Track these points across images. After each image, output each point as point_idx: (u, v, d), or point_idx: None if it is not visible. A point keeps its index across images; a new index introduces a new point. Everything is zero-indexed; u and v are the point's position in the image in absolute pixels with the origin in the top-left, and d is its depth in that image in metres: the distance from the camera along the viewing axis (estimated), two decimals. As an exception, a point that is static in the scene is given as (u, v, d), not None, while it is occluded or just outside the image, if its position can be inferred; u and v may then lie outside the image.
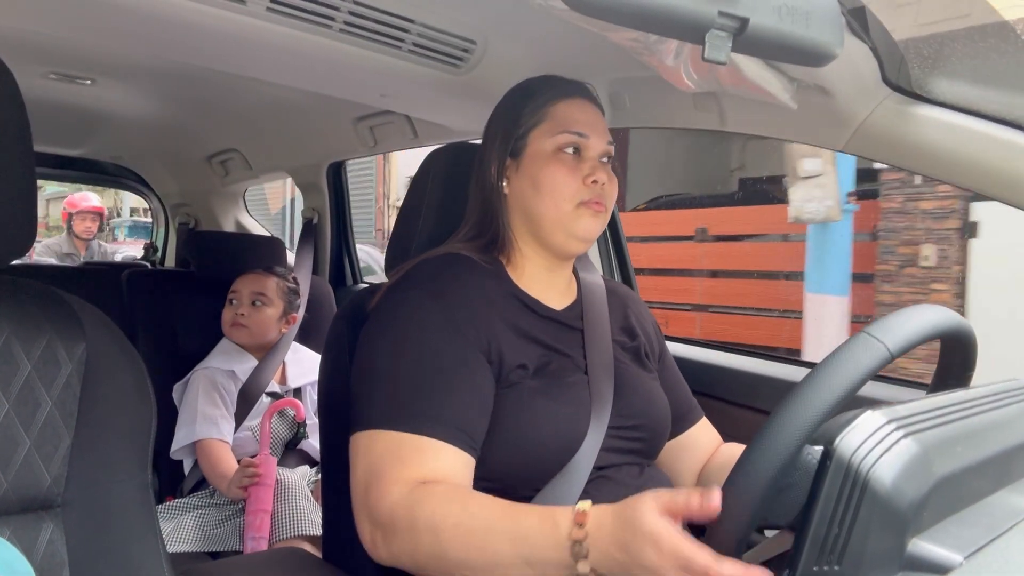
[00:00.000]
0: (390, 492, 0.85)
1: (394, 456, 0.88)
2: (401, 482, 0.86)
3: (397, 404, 0.91)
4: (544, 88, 1.07)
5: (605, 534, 0.72)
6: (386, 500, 0.85)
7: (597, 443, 0.97)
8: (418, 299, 0.98)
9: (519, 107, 1.06)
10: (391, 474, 0.87)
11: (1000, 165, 1.00)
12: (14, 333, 0.80)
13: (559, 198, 1.01)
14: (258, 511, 1.63)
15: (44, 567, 0.79)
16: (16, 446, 0.79)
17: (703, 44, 0.68)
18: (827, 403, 0.58)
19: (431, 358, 0.93)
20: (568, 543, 0.74)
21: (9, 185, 0.77)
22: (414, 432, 0.89)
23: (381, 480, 0.87)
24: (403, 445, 0.89)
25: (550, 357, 1.01)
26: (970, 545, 0.54)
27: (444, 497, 0.84)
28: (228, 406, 1.84)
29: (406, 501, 0.84)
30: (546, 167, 1.02)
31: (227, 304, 1.97)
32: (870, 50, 1.00)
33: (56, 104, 2.12)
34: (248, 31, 1.19)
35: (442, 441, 0.89)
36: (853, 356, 0.61)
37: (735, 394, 1.47)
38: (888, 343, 0.62)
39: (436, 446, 0.89)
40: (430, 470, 0.87)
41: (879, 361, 0.61)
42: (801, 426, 0.57)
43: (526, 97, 1.07)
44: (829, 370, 0.60)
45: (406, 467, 0.87)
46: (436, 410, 0.90)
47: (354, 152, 2.29)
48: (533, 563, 0.76)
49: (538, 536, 0.77)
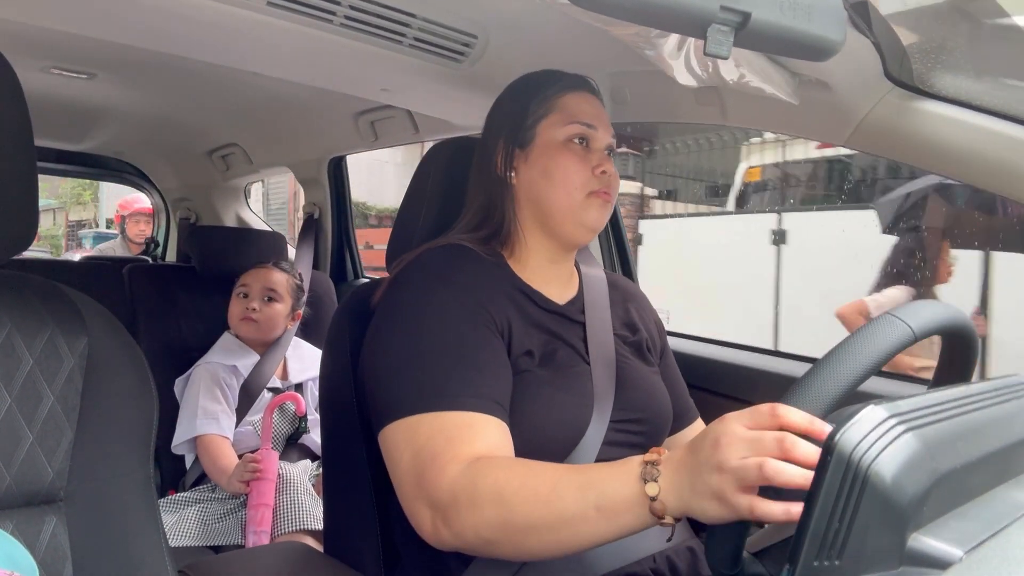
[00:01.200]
0: (446, 472, 0.83)
1: (441, 436, 0.86)
2: (457, 460, 0.83)
3: (430, 387, 0.89)
4: (550, 81, 1.07)
5: (676, 455, 0.71)
6: (444, 480, 0.83)
7: (600, 435, 0.97)
8: (427, 285, 0.97)
9: (526, 99, 1.06)
10: (444, 454, 0.84)
11: (1002, 159, 1.00)
12: (16, 327, 0.80)
13: (571, 187, 1.02)
14: (260, 505, 1.63)
15: (47, 561, 0.79)
16: (19, 440, 0.79)
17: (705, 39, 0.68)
18: (850, 377, 0.62)
19: (455, 339, 0.92)
20: (639, 468, 0.72)
21: (10, 180, 0.77)
22: (457, 409, 0.87)
23: (435, 461, 0.84)
24: (447, 424, 0.87)
25: (556, 346, 1.01)
26: (971, 540, 0.54)
27: (504, 465, 0.83)
28: (229, 401, 1.84)
29: (465, 477, 0.82)
30: (558, 156, 1.02)
31: (235, 298, 1.96)
32: (872, 45, 1.00)
33: (57, 99, 2.12)
34: (249, 25, 1.19)
35: (486, 414, 0.88)
36: (881, 332, 0.66)
37: (735, 389, 1.47)
38: (913, 325, 0.68)
39: (482, 420, 0.87)
40: (481, 445, 0.85)
41: (904, 341, 0.67)
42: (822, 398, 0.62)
43: (532, 89, 1.07)
44: (857, 343, 0.64)
45: (457, 445, 0.85)
46: (471, 386, 0.89)
47: (355, 147, 2.29)
48: (602, 507, 0.74)
49: (608, 476, 0.75)
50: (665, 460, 0.72)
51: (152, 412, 0.88)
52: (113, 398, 0.85)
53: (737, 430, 0.64)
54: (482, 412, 0.88)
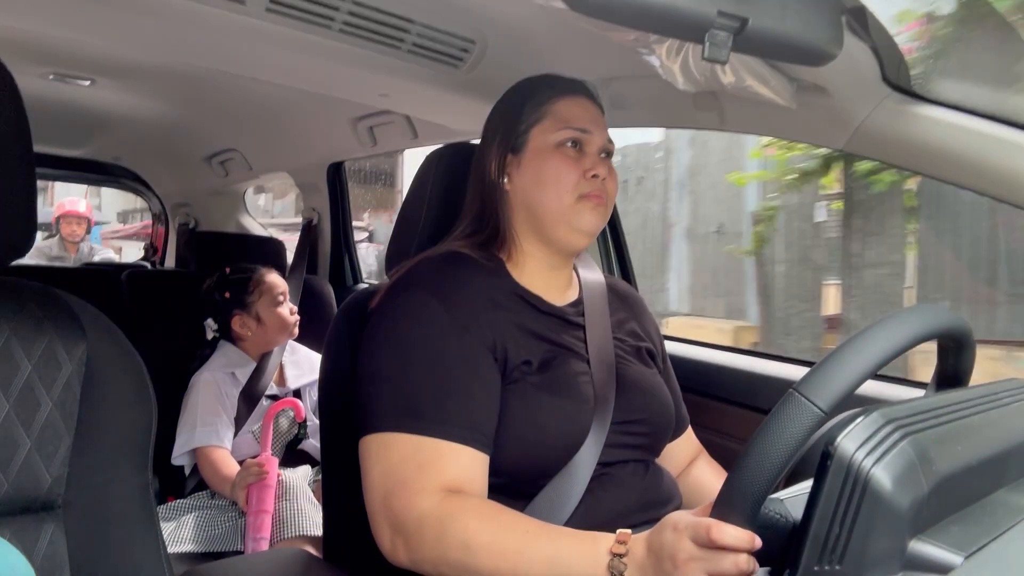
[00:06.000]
0: (417, 502, 0.86)
1: (414, 462, 0.88)
2: (427, 491, 0.86)
3: (408, 407, 0.91)
4: (545, 86, 1.07)
5: (639, 554, 0.76)
6: (413, 510, 0.86)
7: (600, 439, 0.97)
8: (422, 299, 0.97)
9: (520, 104, 1.06)
10: (415, 482, 0.87)
11: (1000, 164, 1.00)
12: (14, 333, 0.80)
13: (561, 190, 1.02)
14: (259, 512, 1.63)
15: (45, 568, 0.79)
16: (16, 447, 0.78)
17: (703, 44, 0.68)
18: (769, 473, 0.59)
19: (439, 359, 0.93)
20: (607, 559, 0.77)
21: (9, 186, 0.77)
22: (430, 435, 0.89)
23: (405, 488, 0.87)
24: (421, 449, 0.89)
25: (554, 352, 1.01)
26: (971, 544, 0.54)
27: (477, 513, 0.85)
28: (229, 410, 1.84)
29: (436, 513, 0.85)
30: (548, 160, 1.03)
31: (278, 304, 1.95)
32: (870, 49, 1.00)
33: (56, 104, 2.12)
34: (247, 31, 1.19)
35: (459, 444, 0.89)
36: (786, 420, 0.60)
37: (732, 393, 1.47)
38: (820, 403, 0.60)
39: (455, 449, 0.89)
40: (452, 476, 0.88)
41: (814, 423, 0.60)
42: (749, 497, 0.60)
43: (527, 95, 1.07)
44: (764, 439, 0.60)
45: (428, 473, 0.87)
46: (449, 412, 0.90)
47: (354, 152, 2.29)
48: None
49: (576, 555, 0.79)
50: (630, 559, 0.76)
51: (151, 418, 0.88)
52: (111, 404, 0.85)
53: (691, 549, 0.69)
54: (456, 441, 0.89)
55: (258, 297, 1.93)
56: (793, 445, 0.59)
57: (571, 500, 0.94)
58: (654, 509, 1.02)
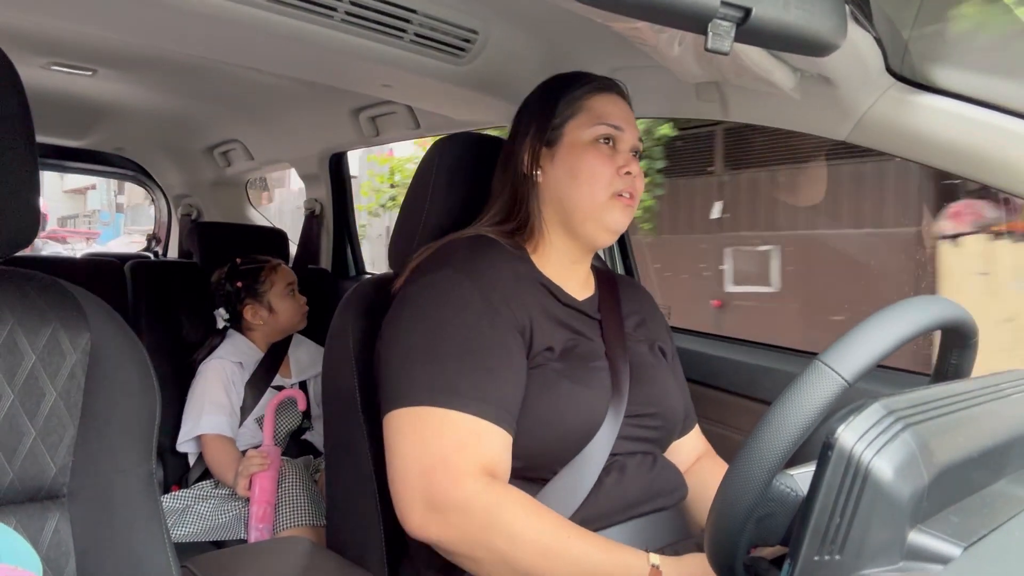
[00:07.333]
0: (462, 484, 0.87)
1: (453, 438, 0.89)
2: (471, 474, 0.87)
3: (442, 382, 0.91)
4: (579, 82, 1.08)
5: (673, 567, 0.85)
6: (458, 491, 0.87)
7: (614, 429, 0.99)
8: (453, 278, 0.98)
9: (554, 99, 1.07)
10: (457, 462, 0.88)
11: (1005, 154, 0.99)
12: (19, 323, 0.80)
13: (595, 186, 1.03)
14: (262, 501, 1.63)
15: (50, 556, 0.80)
16: (21, 436, 0.79)
17: (706, 34, 0.68)
18: (789, 439, 0.59)
19: (474, 337, 0.93)
20: (648, 569, 0.85)
21: (12, 177, 0.77)
22: (468, 412, 0.89)
23: (447, 467, 0.88)
24: (459, 427, 0.89)
25: (576, 341, 1.02)
26: (970, 535, 0.55)
27: (523, 507, 0.87)
28: (235, 399, 1.84)
29: (483, 500, 0.86)
30: (584, 156, 1.03)
31: (290, 295, 1.96)
32: (873, 39, 0.99)
33: (58, 95, 2.12)
34: (249, 21, 1.19)
35: (493, 423, 0.90)
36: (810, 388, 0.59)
37: (736, 384, 1.47)
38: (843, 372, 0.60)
39: (490, 429, 0.90)
40: (488, 456, 0.89)
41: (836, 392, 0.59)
42: (763, 466, 0.59)
43: (561, 89, 1.07)
44: (786, 405, 0.60)
45: (468, 453, 0.88)
46: (483, 390, 0.91)
47: (356, 143, 2.29)
48: None
49: (615, 570, 0.86)
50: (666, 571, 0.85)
51: (154, 407, 0.88)
52: (115, 394, 0.85)
53: None
54: (489, 420, 0.90)
55: (270, 287, 1.94)
56: (814, 412, 0.58)
57: (583, 488, 0.96)
58: (661, 498, 1.03)
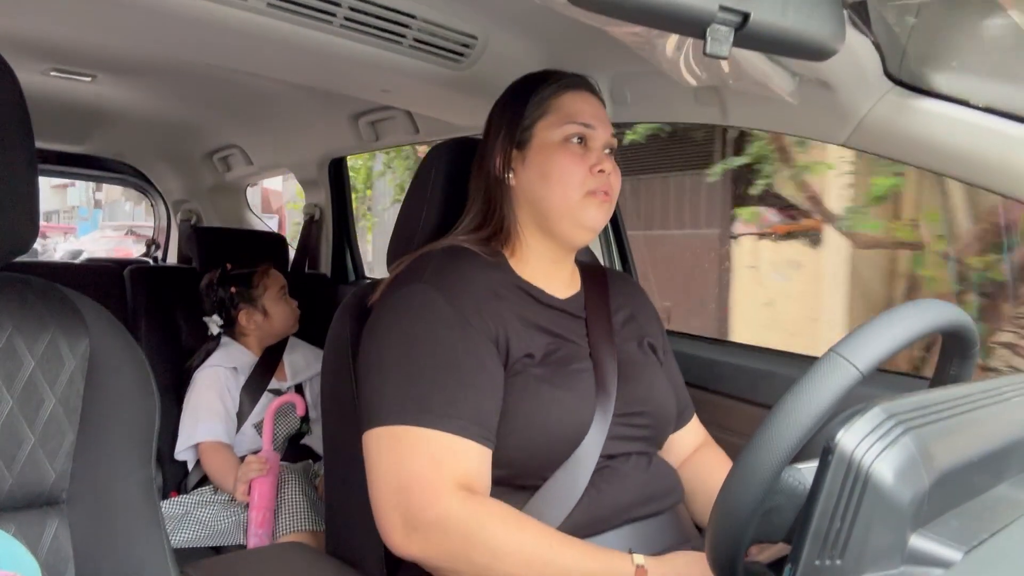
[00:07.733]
0: (437, 501, 0.86)
1: (426, 456, 0.88)
2: (446, 490, 0.87)
3: (416, 400, 0.91)
4: (547, 81, 1.07)
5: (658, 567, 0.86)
6: (433, 509, 0.86)
7: (603, 431, 0.98)
8: (424, 292, 0.97)
9: (523, 99, 1.06)
10: (432, 479, 0.87)
11: (1002, 159, 1.00)
12: (17, 329, 0.80)
13: (567, 187, 1.02)
14: (261, 506, 1.63)
15: (49, 562, 0.80)
16: (21, 442, 0.79)
17: (704, 39, 0.68)
18: (802, 428, 0.58)
19: (444, 352, 0.93)
20: (633, 570, 0.85)
21: (11, 182, 0.77)
22: (441, 429, 0.89)
23: (422, 485, 0.87)
24: (433, 443, 0.89)
25: (557, 345, 1.01)
26: (971, 539, 0.54)
27: (502, 519, 0.87)
28: (231, 404, 1.84)
29: (460, 515, 0.86)
30: (554, 156, 1.02)
31: (283, 299, 1.97)
32: (872, 44, 1.00)
33: (58, 101, 2.12)
34: (249, 27, 1.19)
35: (468, 439, 0.90)
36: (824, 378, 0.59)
37: (734, 388, 1.47)
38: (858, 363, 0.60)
39: (465, 445, 0.90)
40: (463, 471, 0.89)
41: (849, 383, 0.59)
42: (775, 455, 0.58)
43: (529, 90, 1.07)
44: (800, 395, 0.59)
45: (443, 470, 0.88)
46: (458, 406, 0.90)
47: (355, 148, 2.29)
48: None
49: (602, 567, 0.86)
50: None
51: (154, 413, 0.88)
52: (114, 399, 0.85)
53: None
54: (463, 436, 0.90)
55: (264, 291, 1.95)
56: (828, 402, 0.58)
57: (575, 493, 0.95)
58: (656, 502, 1.02)
